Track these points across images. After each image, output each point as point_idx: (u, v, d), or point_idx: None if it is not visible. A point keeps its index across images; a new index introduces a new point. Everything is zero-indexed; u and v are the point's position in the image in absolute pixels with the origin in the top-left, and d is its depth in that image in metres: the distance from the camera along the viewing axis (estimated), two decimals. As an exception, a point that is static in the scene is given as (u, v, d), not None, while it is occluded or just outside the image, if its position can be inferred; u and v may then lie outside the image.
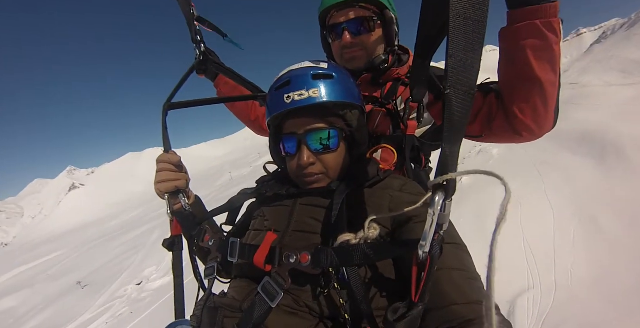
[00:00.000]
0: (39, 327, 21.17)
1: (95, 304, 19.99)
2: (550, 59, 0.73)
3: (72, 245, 66.92)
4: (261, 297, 0.61)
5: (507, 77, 0.81)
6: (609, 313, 7.01)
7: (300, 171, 0.77)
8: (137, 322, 12.01)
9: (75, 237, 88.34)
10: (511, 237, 10.46)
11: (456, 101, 0.41)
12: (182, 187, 0.88)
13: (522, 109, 0.80)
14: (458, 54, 0.41)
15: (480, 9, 0.41)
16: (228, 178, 75.90)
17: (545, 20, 0.69)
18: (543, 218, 11.19)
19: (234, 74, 1.10)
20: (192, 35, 1.02)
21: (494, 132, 0.90)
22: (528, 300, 8.31)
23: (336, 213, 0.65)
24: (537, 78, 0.74)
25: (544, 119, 0.81)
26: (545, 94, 0.76)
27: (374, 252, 0.53)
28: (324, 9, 1.00)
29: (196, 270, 0.87)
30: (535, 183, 12.91)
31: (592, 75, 28.66)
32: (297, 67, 0.79)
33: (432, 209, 0.42)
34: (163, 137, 0.90)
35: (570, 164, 13.06)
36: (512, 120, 0.83)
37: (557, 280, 8.36)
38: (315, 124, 0.75)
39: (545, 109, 0.79)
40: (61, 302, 24.89)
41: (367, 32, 0.98)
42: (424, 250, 0.44)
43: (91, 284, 25.59)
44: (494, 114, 0.88)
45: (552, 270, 8.74)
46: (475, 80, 0.42)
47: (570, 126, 15.41)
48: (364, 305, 0.56)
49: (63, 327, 18.00)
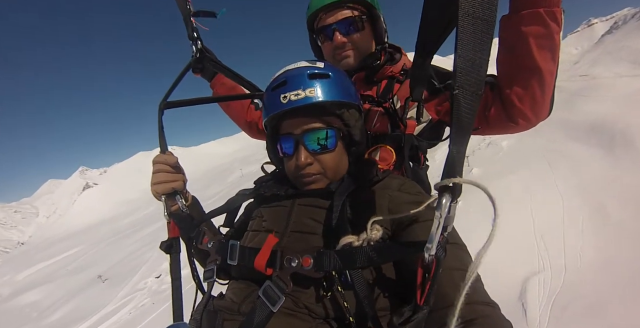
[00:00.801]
0: (64, 318, 21.91)
1: (117, 296, 20.68)
2: (551, 47, 0.74)
3: (88, 243, 68.73)
4: (262, 301, 0.60)
5: (507, 66, 0.82)
6: (616, 294, 7.35)
7: (298, 171, 0.76)
8: (160, 311, 12.58)
9: (91, 234, 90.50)
10: (522, 223, 10.77)
11: (464, 102, 0.41)
12: (179, 189, 0.87)
13: (520, 98, 0.81)
14: (467, 54, 0.41)
15: (489, 8, 0.41)
16: (239, 175, 76.74)
17: (548, 9, 0.70)
18: (553, 206, 11.45)
19: (231, 72, 1.09)
20: (188, 32, 1.01)
21: (490, 124, 0.91)
22: (538, 282, 8.66)
23: (337, 215, 0.65)
24: (537, 67, 0.75)
25: (540, 107, 0.83)
26: (544, 82, 0.78)
27: (378, 255, 0.53)
28: (312, 13, 1.01)
29: (194, 272, 0.85)
30: (545, 173, 13.12)
31: (603, 67, 28.41)
32: (293, 66, 0.79)
33: (439, 211, 0.42)
34: (159, 137, 0.89)
35: (579, 154, 13.17)
36: (509, 109, 0.84)
37: (566, 263, 8.72)
38: (313, 123, 0.74)
39: (542, 97, 0.81)
40: (83, 295, 25.75)
41: (357, 31, 0.99)
42: (430, 252, 0.44)
43: (111, 278, 26.45)
44: (489, 105, 0.89)
45: (561, 254, 9.07)
46: (483, 80, 0.42)
47: (580, 117, 15.48)
48: (368, 307, 0.56)
49: (88, 318, 18.74)
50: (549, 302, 7.81)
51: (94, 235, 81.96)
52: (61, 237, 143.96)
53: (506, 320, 0.50)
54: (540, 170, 13.59)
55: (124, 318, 15.32)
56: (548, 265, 8.83)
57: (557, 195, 11.73)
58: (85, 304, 22.65)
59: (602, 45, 41.75)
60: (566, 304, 7.55)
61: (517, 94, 0.81)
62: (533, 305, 7.74)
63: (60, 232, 35.67)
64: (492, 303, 0.52)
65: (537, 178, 13.39)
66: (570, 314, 7.42)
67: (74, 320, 20.08)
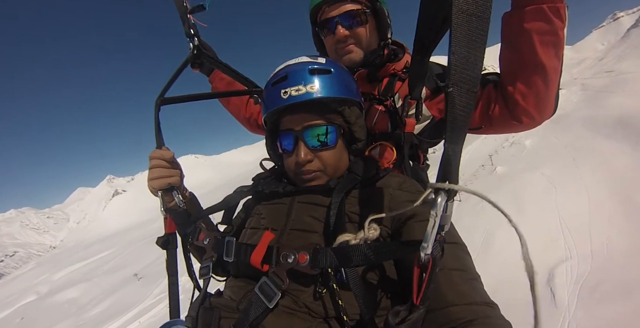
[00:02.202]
0: (104, 313, 23.08)
1: (152, 293, 21.70)
2: (555, 44, 0.73)
3: (120, 245, 71.41)
4: (258, 298, 0.60)
5: (510, 64, 0.81)
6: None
7: (297, 168, 0.76)
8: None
9: (121, 238, 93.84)
10: (547, 216, 10.92)
11: (459, 99, 0.41)
12: (175, 184, 0.87)
13: (524, 96, 0.80)
14: (461, 51, 0.41)
15: (483, 4, 0.41)
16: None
17: (552, 5, 0.69)
18: (578, 199, 11.50)
19: (229, 68, 1.08)
20: (185, 29, 1.00)
21: (493, 123, 0.90)
22: (566, 269, 8.85)
23: (335, 212, 0.65)
24: (541, 64, 0.74)
25: (545, 105, 0.82)
26: (548, 80, 0.77)
27: (374, 253, 0.52)
28: (315, 5, 1.00)
29: (190, 268, 0.85)
30: (570, 168, 13.12)
31: (629, 62, 27.52)
32: (294, 62, 0.79)
33: (434, 211, 0.41)
34: (155, 132, 0.88)
35: (606, 149, 12.84)
36: (513, 107, 0.83)
37: (593, 250, 8.89)
38: (313, 120, 0.74)
39: (547, 95, 0.80)
40: (120, 292, 27.04)
41: (359, 25, 0.98)
42: (425, 251, 0.43)
43: (146, 276, 27.75)
44: (492, 104, 0.88)
45: (587, 242, 9.22)
46: (478, 78, 0.42)
47: (606, 112, 15.26)
48: (363, 305, 0.56)
49: (125, 313, 19.84)
50: (576, 285, 8.04)
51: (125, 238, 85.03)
52: (92, 241, 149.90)
53: (506, 320, 0.50)
54: (565, 165, 13.58)
55: (161, 312, 16.22)
56: (575, 253, 9.03)
57: (582, 188, 11.76)
58: (122, 300, 23.71)
59: (629, 40, 40.26)
60: (594, 286, 7.77)
61: (520, 92, 0.80)
62: (561, 288, 7.99)
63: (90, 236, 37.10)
64: (492, 303, 0.52)
65: (562, 173, 13.41)
66: (598, 296, 7.62)
67: (113, 314, 21.03)
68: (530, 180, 13.17)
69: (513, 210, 13.33)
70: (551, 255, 9.09)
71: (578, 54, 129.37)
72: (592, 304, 7.38)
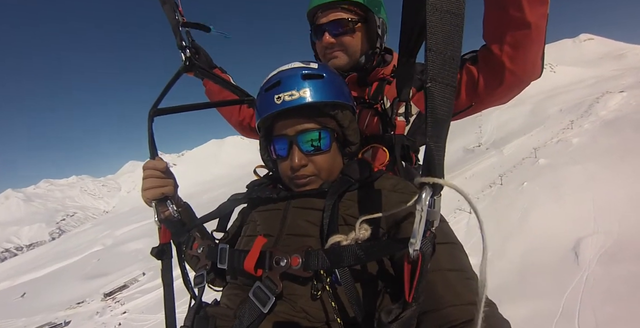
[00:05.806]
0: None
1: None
2: (541, 1, 0.73)
3: (172, 211, 77.89)
4: (252, 303, 0.60)
5: (496, 24, 0.80)
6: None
7: (292, 173, 0.76)
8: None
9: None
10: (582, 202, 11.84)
11: (438, 94, 0.41)
12: (169, 194, 0.86)
13: (511, 57, 0.80)
14: (437, 47, 0.41)
15: (457, 1, 0.41)
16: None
17: None
18: (616, 192, 12.37)
19: (220, 79, 1.08)
20: (177, 42, 0.99)
21: (481, 96, 0.91)
22: (591, 240, 9.98)
23: (328, 215, 0.65)
24: (527, 22, 0.73)
25: (532, 65, 0.83)
26: (535, 39, 0.77)
27: (365, 253, 0.52)
28: (311, 9, 1.02)
29: (186, 277, 0.84)
30: (615, 166, 13.69)
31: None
32: (286, 67, 0.79)
33: (419, 205, 0.41)
34: (149, 144, 0.88)
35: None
36: (499, 72, 0.83)
37: (620, 231, 9.95)
38: (306, 124, 0.74)
39: (534, 55, 0.80)
40: (181, 246, 30.87)
41: (346, 34, 0.99)
42: (414, 247, 0.43)
43: (203, 235, 31.24)
44: (476, 77, 0.89)
45: (616, 225, 10.24)
46: (456, 72, 0.42)
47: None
48: (356, 306, 0.56)
49: (188, 263, 23.37)
50: (599, 251, 9.20)
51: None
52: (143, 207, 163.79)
53: (505, 319, 0.50)
54: (610, 163, 14.14)
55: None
56: (602, 230, 10.11)
57: (623, 184, 12.44)
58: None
59: None
60: (614, 253, 8.95)
61: (507, 54, 0.80)
62: (584, 252, 9.26)
63: (141, 203, 41.04)
64: (491, 303, 0.51)
65: (605, 170, 14.06)
66: (616, 259, 8.72)
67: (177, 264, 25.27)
68: (572, 173, 13.96)
69: (550, 196, 14.05)
70: (580, 230, 10.26)
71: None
72: (610, 264, 8.46)
